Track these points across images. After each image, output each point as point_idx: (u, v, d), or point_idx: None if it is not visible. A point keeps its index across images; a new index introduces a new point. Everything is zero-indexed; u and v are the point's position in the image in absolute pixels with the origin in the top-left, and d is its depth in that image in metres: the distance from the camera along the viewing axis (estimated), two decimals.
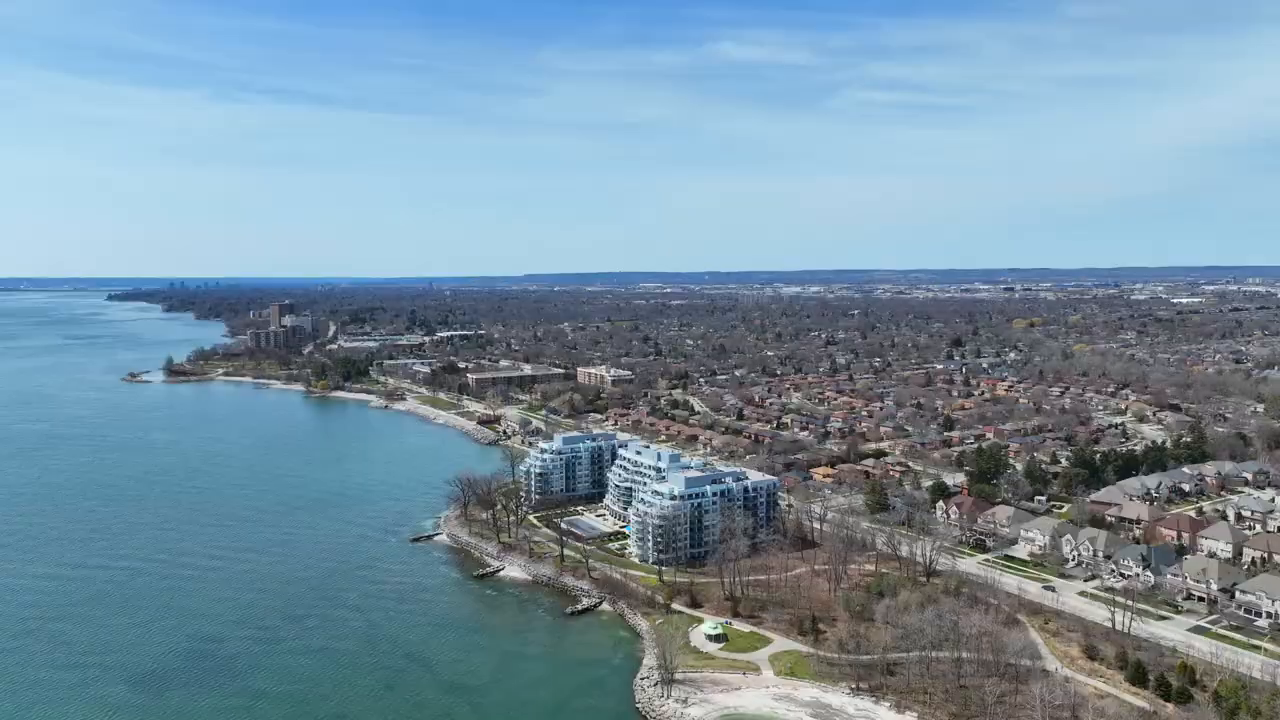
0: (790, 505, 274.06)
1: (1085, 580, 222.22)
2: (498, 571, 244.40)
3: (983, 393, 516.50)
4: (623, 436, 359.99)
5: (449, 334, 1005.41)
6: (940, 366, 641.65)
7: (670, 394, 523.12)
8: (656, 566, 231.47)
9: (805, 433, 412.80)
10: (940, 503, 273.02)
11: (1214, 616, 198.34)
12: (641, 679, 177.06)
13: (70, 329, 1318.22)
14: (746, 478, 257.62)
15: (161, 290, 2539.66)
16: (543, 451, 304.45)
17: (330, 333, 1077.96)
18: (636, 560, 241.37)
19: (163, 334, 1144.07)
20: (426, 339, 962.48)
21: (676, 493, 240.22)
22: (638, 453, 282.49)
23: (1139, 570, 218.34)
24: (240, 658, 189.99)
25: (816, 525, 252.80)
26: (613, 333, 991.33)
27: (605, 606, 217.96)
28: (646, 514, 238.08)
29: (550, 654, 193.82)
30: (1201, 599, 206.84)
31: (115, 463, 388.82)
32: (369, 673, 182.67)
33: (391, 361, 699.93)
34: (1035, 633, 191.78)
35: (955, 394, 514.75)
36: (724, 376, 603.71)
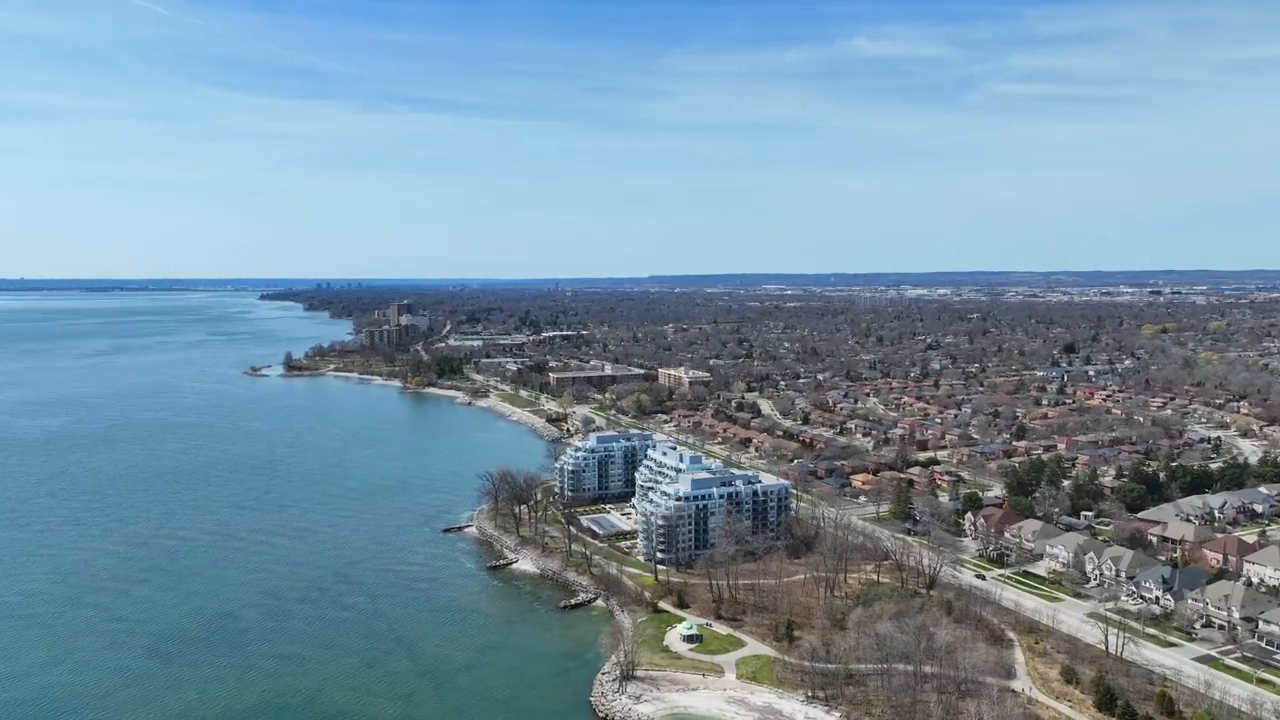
0: (796, 510, 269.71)
1: (1101, 600, 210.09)
2: (510, 564, 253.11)
3: (1074, 402, 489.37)
4: (679, 438, 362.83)
5: (553, 334, 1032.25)
6: (1042, 373, 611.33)
7: (742, 397, 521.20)
8: (661, 566, 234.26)
9: (866, 438, 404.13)
10: (969, 514, 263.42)
11: (1229, 646, 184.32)
12: (602, 674, 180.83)
13: (217, 326, 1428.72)
14: (758, 481, 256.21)
15: (307, 290, 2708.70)
16: (577, 450, 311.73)
17: (445, 331, 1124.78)
18: (642, 559, 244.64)
19: (296, 331, 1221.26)
20: (529, 338, 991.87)
21: (682, 494, 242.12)
22: (663, 454, 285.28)
23: (1159, 593, 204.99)
24: (249, 631, 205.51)
25: (836, 532, 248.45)
26: (712, 334, 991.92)
27: (599, 603, 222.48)
28: (652, 513, 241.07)
29: (529, 645, 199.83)
30: (1221, 627, 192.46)
31: (211, 450, 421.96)
32: (356, 652, 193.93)
33: (488, 360, 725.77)
34: (1021, 651, 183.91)
35: (1046, 402, 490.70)
36: (806, 380, 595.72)
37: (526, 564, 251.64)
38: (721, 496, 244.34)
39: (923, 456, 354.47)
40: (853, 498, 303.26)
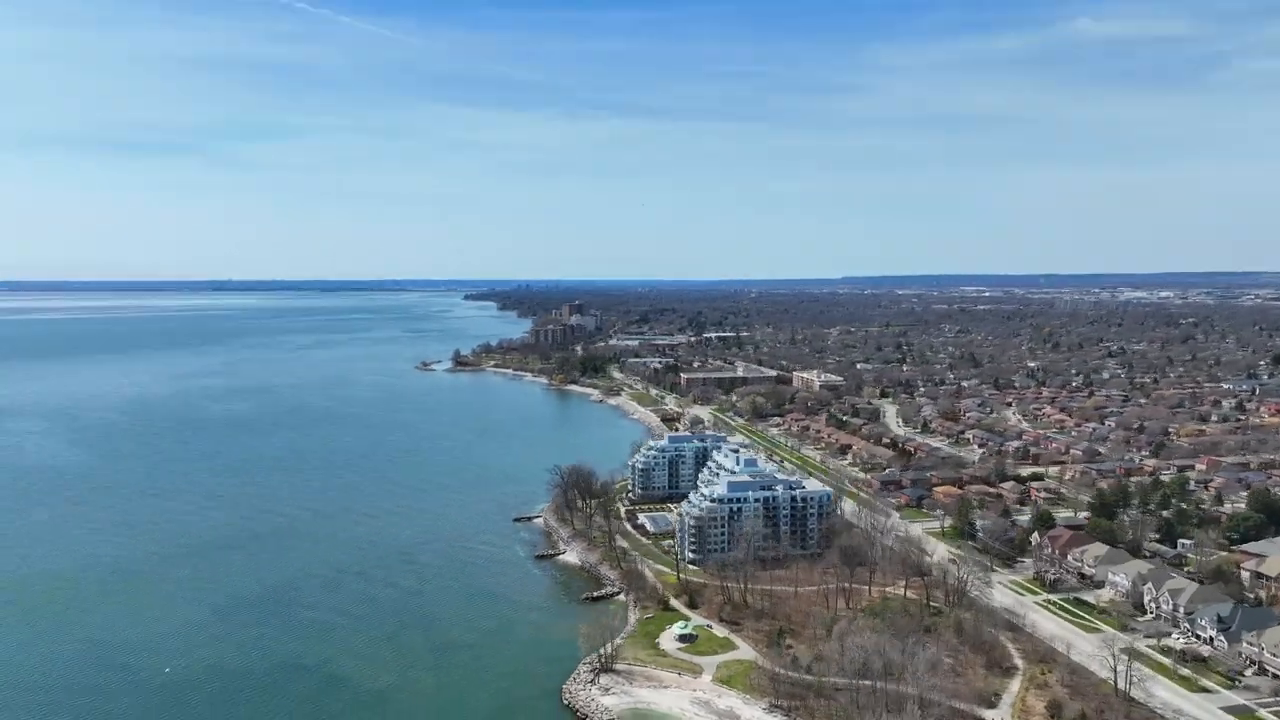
0: (839, 514, 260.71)
1: (1147, 636, 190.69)
2: (557, 555, 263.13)
3: (1246, 419, 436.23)
4: (786, 441, 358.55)
5: (713, 335, 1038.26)
6: (1229, 386, 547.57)
7: (869, 402, 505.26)
8: (691, 565, 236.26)
9: (980, 449, 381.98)
10: (1035, 534, 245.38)
11: (1273, 699, 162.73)
12: (584, 664, 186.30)
13: (414, 323, 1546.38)
14: (801, 487, 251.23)
15: (508, 291, 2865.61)
16: (649, 449, 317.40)
17: (611, 331, 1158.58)
18: (685, 557, 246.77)
19: (480, 329, 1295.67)
20: (690, 339, 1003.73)
21: (716, 495, 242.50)
22: (724, 456, 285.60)
23: (1212, 632, 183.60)
24: (301, 599, 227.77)
25: (872, 542, 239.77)
26: (876, 337, 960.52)
27: (620, 597, 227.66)
28: (685, 514, 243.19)
29: (535, 632, 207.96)
30: (1276, 676, 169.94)
31: (357, 437, 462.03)
32: (380, 625, 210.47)
33: (635, 359, 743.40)
34: (1020, 680, 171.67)
35: (1216, 418, 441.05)
36: (949, 386, 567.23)
37: (571, 556, 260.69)
38: (757, 500, 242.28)
39: (1027, 471, 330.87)
40: (929, 510, 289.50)
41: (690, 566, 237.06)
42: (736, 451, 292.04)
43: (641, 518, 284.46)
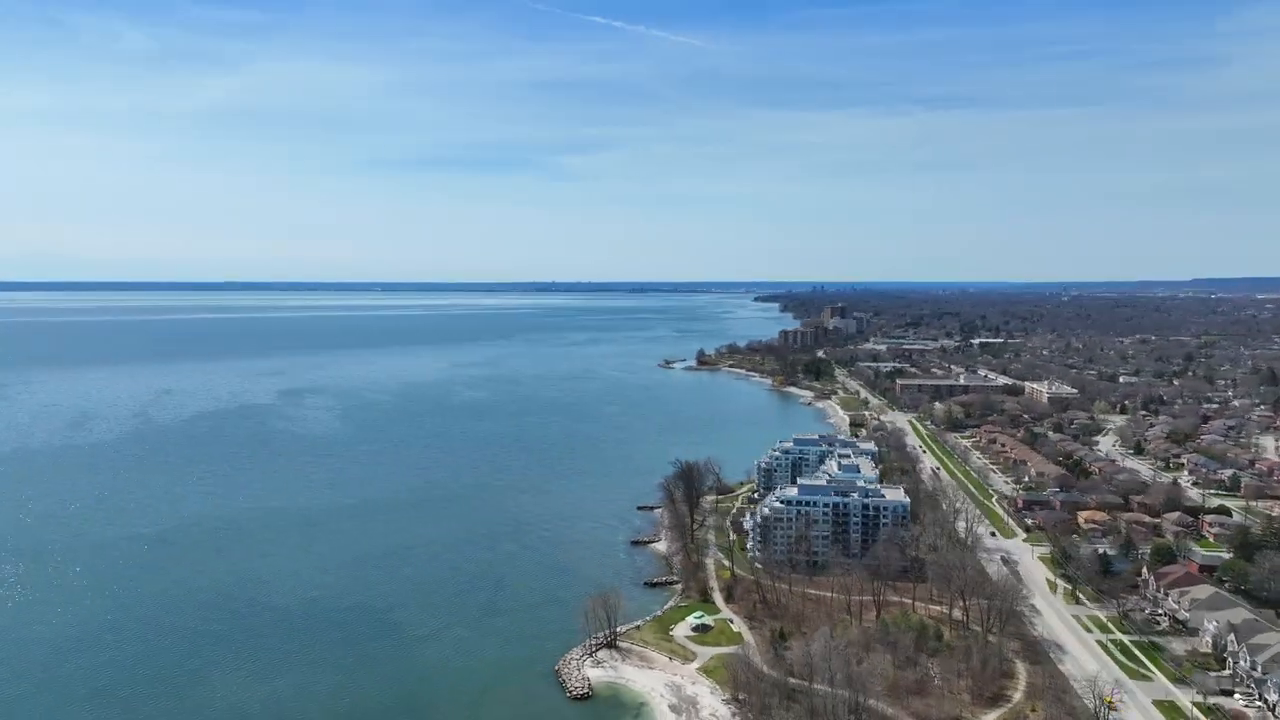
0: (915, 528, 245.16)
1: (1203, 692, 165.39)
2: (651, 543, 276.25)
3: None
4: (978, 456, 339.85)
5: (978, 341, 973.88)
6: None
7: (1093, 418, 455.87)
8: (757, 563, 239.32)
9: (1190, 477, 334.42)
10: (1144, 570, 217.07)
11: None
12: (590, 640, 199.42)
13: (688, 324, 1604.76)
14: (879, 495, 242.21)
15: (800, 293, 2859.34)
16: (773, 450, 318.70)
17: (873, 335, 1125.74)
18: (748, 557, 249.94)
19: (747, 330, 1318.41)
20: (953, 343, 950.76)
21: (786, 497, 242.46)
22: (834, 460, 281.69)
23: (1276, 698, 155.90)
24: (413, 557, 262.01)
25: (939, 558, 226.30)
26: (1176, 348, 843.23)
27: (677, 585, 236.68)
28: (757, 514, 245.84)
29: (575, 609, 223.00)
30: None
31: (561, 426, 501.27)
32: (458, 584, 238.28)
33: (868, 364, 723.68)
34: (1001, 711, 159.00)
35: None
36: (1212, 405, 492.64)
37: (662, 545, 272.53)
38: (826, 506, 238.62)
39: (1212, 504, 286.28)
40: (1066, 534, 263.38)
41: (757, 566, 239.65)
42: (849, 456, 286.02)
43: (746, 515, 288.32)
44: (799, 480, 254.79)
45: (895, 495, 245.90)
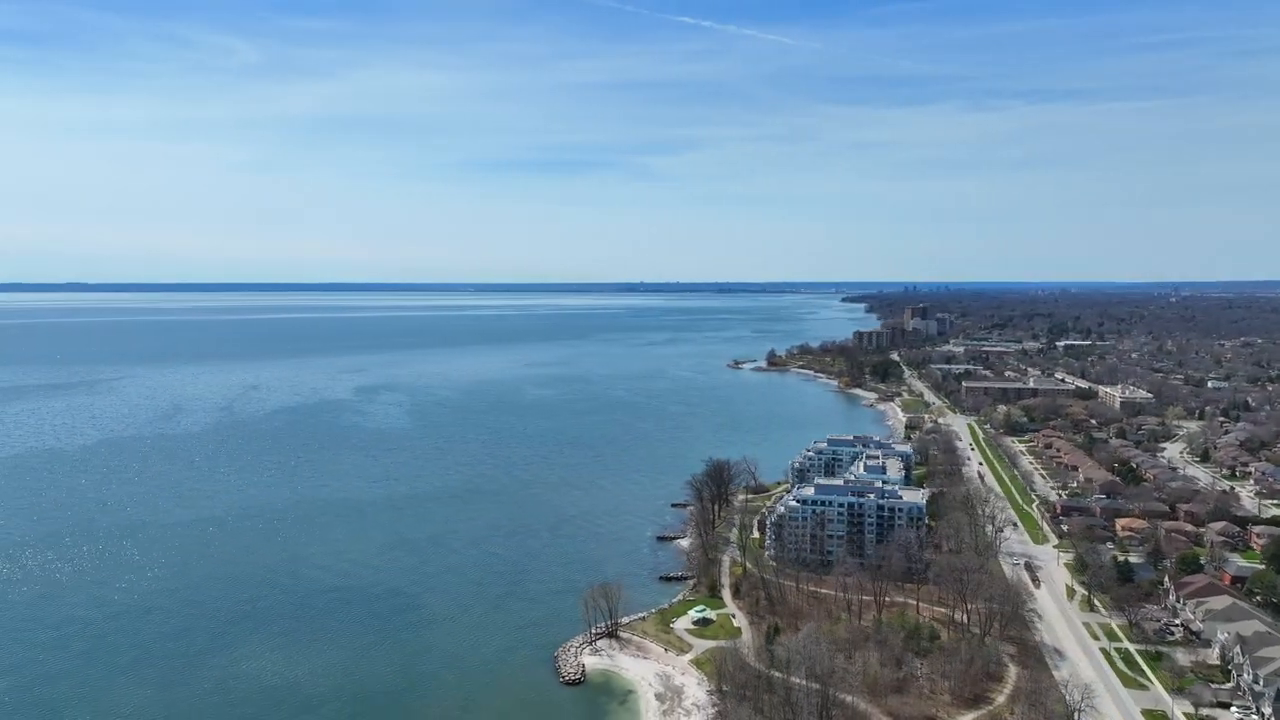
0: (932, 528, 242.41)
1: (1201, 705, 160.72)
2: (676, 539, 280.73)
3: None
4: (1030, 460, 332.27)
5: (1064, 343, 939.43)
6: None
7: (1163, 424, 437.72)
8: (768, 560, 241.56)
9: (1255, 487, 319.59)
10: (1167, 579, 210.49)
11: None
12: (592, 629, 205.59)
13: (768, 324, 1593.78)
14: (896, 496, 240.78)
15: (890, 294, 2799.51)
16: (806, 451, 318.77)
17: (954, 336, 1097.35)
18: (766, 554, 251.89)
19: (827, 331, 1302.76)
20: (1037, 345, 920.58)
21: (801, 497, 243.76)
22: (863, 461, 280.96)
23: (1268, 712, 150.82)
24: (447, 543, 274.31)
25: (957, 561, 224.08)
26: (1265, 353, 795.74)
27: (692, 580, 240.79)
28: (772, 512, 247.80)
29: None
30: None
31: (614, 423, 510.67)
32: (481, 572, 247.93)
33: (939, 366, 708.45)
34: (977, 714, 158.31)
35: None
36: None
37: (685, 541, 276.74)
38: (841, 505, 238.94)
39: (1260, 516, 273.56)
40: (1101, 541, 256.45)
41: (770, 563, 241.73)
42: (877, 458, 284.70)
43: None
44: (817, 480, 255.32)
45: (912, 496, 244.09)
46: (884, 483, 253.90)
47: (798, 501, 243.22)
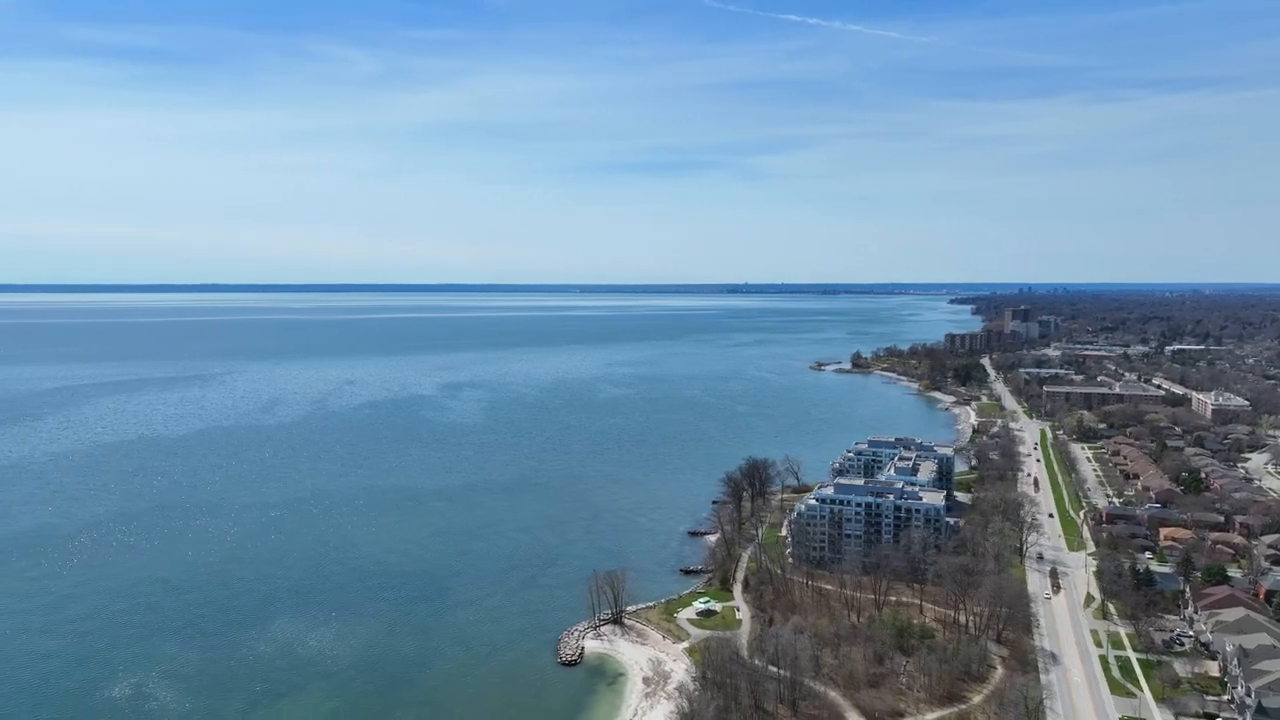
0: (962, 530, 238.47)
1: (1184, 715, 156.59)
2: (707, 534, 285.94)
3: None
4: (1096, 466, 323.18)
5: (1177, 347, 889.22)
6: None
7: (1253, 432, 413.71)
8: (787, 557, 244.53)
9: None
10: (1188, 589, 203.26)
11: None
12: (599, 616, 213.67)
13: (866, 326, 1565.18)
14: (916, 498, 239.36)
15: (1005, 295, 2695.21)
16: (847, 452, 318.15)
17: (1057, 339, 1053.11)
18: (788, 552, 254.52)
19: (926, 333, 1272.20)
20: (1137, 350, 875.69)
21: (821, 496, 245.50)
22: (899, 462, 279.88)
23: None
24: (482, 533, 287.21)
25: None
26: None
27: (709, 573, 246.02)
28: (793, 511, 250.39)
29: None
30: None
31: (680, 422, 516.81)
32: (492, 562, 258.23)
33: (1027, 370, 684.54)
34: (949, 711, 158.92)
35: None
36: None
37: (713, 537, 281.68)
38: (859, 505, 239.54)
39: None
40: (1141, 551, 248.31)
41: (789, 560, 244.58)
42: (908, 459, 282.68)
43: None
44: (837, 480, 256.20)
45: (932, 498, 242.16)
46: (908, 484, 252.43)
47: (816, 500, 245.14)
